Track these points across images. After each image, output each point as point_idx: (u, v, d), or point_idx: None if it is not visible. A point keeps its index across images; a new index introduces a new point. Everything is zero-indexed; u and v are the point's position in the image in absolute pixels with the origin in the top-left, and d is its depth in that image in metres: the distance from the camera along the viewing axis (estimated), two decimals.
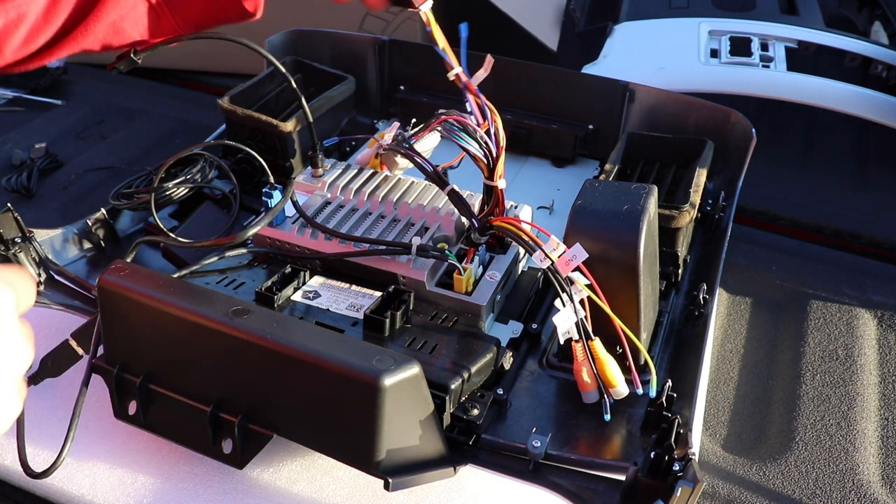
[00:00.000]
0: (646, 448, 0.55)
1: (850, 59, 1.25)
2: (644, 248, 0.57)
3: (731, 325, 0.81)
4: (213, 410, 0.56)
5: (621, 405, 0.60)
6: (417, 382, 0.51)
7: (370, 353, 0.51)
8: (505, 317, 0.69)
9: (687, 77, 1.12)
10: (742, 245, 0.91)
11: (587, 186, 0.62)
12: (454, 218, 0.71)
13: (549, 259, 0.57)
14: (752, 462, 0.67)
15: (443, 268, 0.68)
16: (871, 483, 0.65)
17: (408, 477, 0.53)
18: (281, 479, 0.61)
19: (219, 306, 0.54)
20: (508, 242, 0.71)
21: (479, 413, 0.57)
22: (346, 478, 0.60)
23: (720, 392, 0.74)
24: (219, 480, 0.60)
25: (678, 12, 1.29)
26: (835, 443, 0.68)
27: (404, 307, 0.62)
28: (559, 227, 0.58)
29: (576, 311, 0.57)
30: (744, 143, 0.86)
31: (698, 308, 0.70)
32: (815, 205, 1.03)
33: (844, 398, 0.73)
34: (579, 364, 0.58)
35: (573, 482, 0.55)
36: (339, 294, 0.66)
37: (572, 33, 1.44)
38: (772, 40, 1.19)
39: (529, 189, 0.92)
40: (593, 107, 0.96)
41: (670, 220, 0.71)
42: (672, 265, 0.75)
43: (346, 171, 0.79)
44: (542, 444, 0.55)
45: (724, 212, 0.83)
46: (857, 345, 0.79)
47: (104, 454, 0.62)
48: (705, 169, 0.80)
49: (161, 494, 0.59)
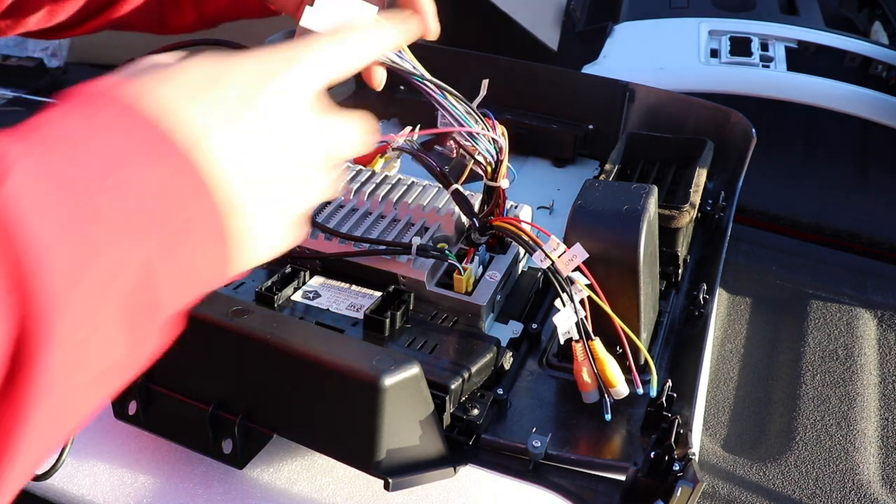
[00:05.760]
0: (646, 448, 0.55)
1: (850, 59, 1.25)
2: (644, 248, 0.57)
3: (731, 325, 0.81)
4: (213, 410, 0.56)
5: (621, 405, 0.60)
6: (417, 382, 0.51)
7: (370, 353, 0.51)
8: (505, 317, 0.69)
9: (687, 77, 1.12)
10: (742, 245, 0.91)
11: (587, 186, 0.62)
12: (454, 218, 0.71)
13: (550, 259, 0.57)
14: (752, 462, 0.67)
15: (443, 268, 0.68)
16: (871, 483, 0.65)
17: (408, 477, 0.53)
18: (281, 479, 0.61)
19: (219, 306, 0.54)
20: (508, 242, 0.71)
21: (479, 413, 0.57)
22: (346, 478, 0.60)
23: (720, 392, 0.74)
24: (219, 480, 0.60)
25: (678, 12, 1.29)
26: (835, 443, 0.68)
27: (404, 307, 0.62)
28: (559, 227, 0.58)
29: (576, 311, 0.57)
30: (744, 143, 0.86)
31: (698, 308, 0.70)
32: (815, 205, 1.03)
33: (844, 398, 0.73)
34: (579, 364, 0.58)
35: (573, 482, 0.55)
36: (339, 294, 0.66)
37: (572, 33, 1.44)
38: (772, 40, 1.19)
39: (529, 189, 0.92)
40: (593, 107, 0.96)
41: (670, 220, 0.71)
42: (672, 265, 0.75)
43: (346, 170, 0.79)
44: (542, 444, 0.55)
45: (724, 212, 0.83)
46: (857, 345, 0.79)
47: (104, 454, 0.62)
48: (705, 169, 0.80)
49: (161, 494, 0.59)
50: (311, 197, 0.39)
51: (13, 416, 0.27)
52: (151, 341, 0.33)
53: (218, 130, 0.34)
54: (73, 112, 0.31)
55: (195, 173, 0.32)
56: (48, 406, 0.28)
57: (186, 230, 0.32)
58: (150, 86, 0.33)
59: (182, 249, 0.32)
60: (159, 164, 0.31)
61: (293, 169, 0.37)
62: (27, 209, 0.27)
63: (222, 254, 0.34)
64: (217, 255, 0.34)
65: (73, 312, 0.28)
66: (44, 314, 0.27)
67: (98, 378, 0.31)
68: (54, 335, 0.27)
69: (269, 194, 0.36)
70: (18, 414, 0.27)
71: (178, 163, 0.32)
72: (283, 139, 0.37)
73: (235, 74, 0.35)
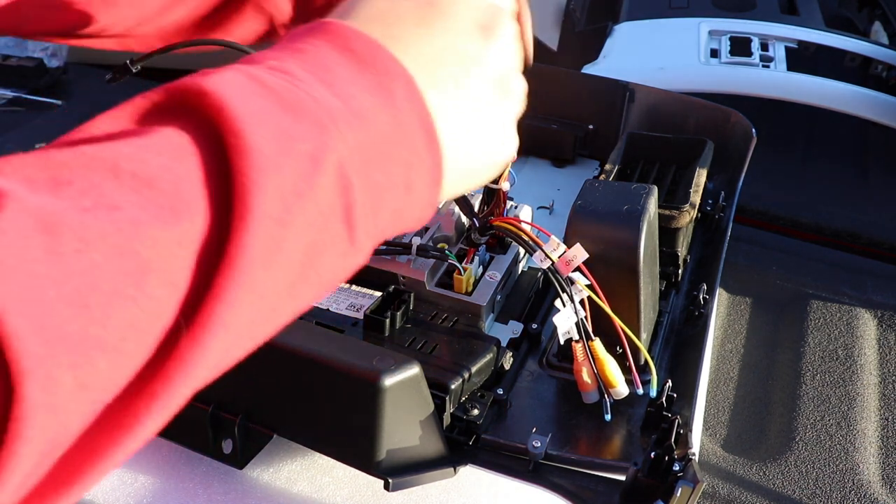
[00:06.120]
0: (646, 448, 0.55)
1: (850, 59, 1.25)
2: (644, 248, 0.57)
3: (731, 325, 0.81)
4: (213, 410, 0.56)
5: (621, 405, 0.60)
6: (417, 382, 0.51)
7: (370, 353, 0.51)
8: (505, 317, 0.69)
9: (687, 77, 1.12)
10: (742, 245, 0.91)
11: (587, 186, 0.62)
12: (454, 218, 0.71)
13: (550, 259, 0.57)
14: (752, 462, 0.67)
15: (443, 268, 0.68)
16: (871, 483, 0.65)
17: (408, 477, 0.53)
18: (281, 479, 0.61)
19: None
20: (508, 242, 0.71)
21: (480, 413, 0.57)
22: (346, 478, 0.60)
23: (720, 392, 0.74)
24: (219, 480, 0.60)
25: (678, 12, 1.29)
26: (835, 443, 0.68)
27: (404, 307, 0.62)
28: (559, 227, 0.58)
29: (576, 311, 0.57)
30: (744, 143, 0.86)
31: (698, 308, 0.70)
32: (815, 205, 1.03)
33: (844, 398, 0.73)
34: (579, 364, 0.58)
35: (573, 482, 0.55)
36: (339, 294, 0.66)
37: (572, 33, 1.44)
38: (772, 40, 1.19)
39: (529, 189, 0.92)
40: (593, 107, 0.96)
41: (670, 220, 0.71)
42: (672, 265, 0.75)
43: None
44: (542, 444, 0.55)
45: (724, 212, 0.83)
46: (857, 345, 0.79)
47: None
48: (705, 169, 0.80)
49: (161, 494, 0.59)
50: (517, 105, 0.41)
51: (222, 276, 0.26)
52: (342, 263, 0.32)
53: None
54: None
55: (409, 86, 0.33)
56: (250, 288, 0.27)
57: (395, 138, 0.32)
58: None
59: (386, 158, 0.32)
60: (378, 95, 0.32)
61: (507, 129, 0.39)
62: (234, 95, 0.27)
63: (435, 164, 0.34)
64: (428, 166, 0.34)
65: (273, 198, 0.27)
66: (246, 191, 0.26)
67: (289, 288, 0.29)
68: (255, 216, 0.26)
69: (478, 150, 0.38)
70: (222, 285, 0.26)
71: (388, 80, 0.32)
72: (501, 116, 0.39)
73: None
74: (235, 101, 0.27)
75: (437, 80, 0.34)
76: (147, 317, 0.24)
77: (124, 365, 0.24)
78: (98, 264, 0.23)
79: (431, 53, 0.35)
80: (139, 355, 0.25)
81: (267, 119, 0.27)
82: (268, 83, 0.29)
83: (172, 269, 0.25)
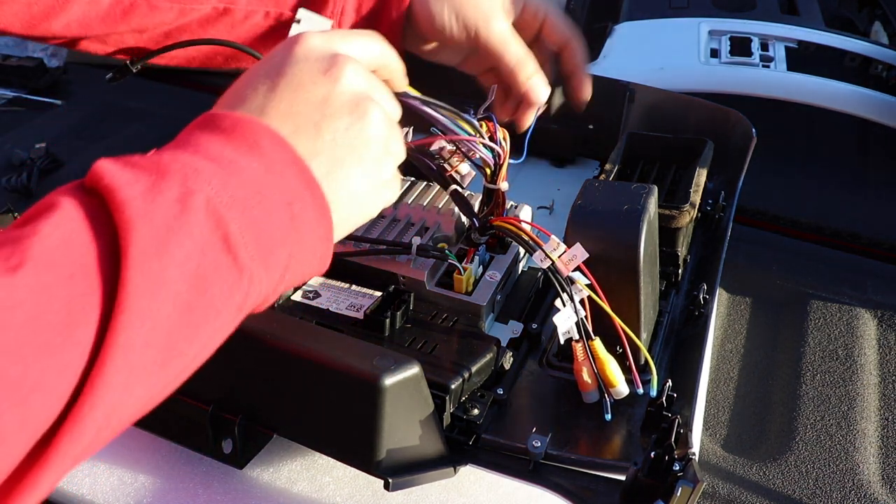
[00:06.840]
0: (646, 448, 0.55)
1: (850, 59, 1.25)
2: (644, 248, 0.57)
3: (731, 325, 0.81)
4: (213, 410, 0.56)
5: (621, 405, 0.60)
6: (417, 382, 0.51)
7: (370, 353, 0.51)
8: (505, 317, 0.69)
9: (687, 77, 1.12)
10: (742, 245, 0.91)
11: (587, 186, 0.62)
12: (454, 218, 0.71)
13: (550, 259, 0.57)
14: (752, 462, 0.67)
15: (443, 268, 0.68)
16: (871, 483, 0.65)
17: (408, 477, 0.53)
18: (281, 479, 0.61)
19: None
20: (508, 242, 0.71)
21: (480, 413, 0.57)
22: (346, 478, 0.60)
23: (720, 392, 0.74)
24: (219, 480, 0.60)
25: (678, 12, 1.29)
26: (835, 443, 0.68)
27: (404, 307, 0.62)
28: (559, 227, 0.58)
29: (576, 310, 0.57)
30: (744, 143, 0.86)
31: (698, 308, 0.70)
32: (815, 205, 1.03)
33: (844, 398, 0.73)
34: (579, 364, 0.58)
35: (573, 482, 0.55)
36: (339, 294, 0.66)
37: None
38: (772, 40, 1.19)
39: (529, 189, 0.92)
40: (593, 107, 0.96)
41: (670, 220, 0.71)
42: (672, 265, 0.75)
43: None
44: (543, 444, 0.55)
45: (724, 212, 0.83)
46: (857, 345, 0.79)
47: (104, 454, 0.62)
48: (705, 169, 0.79)
49: (161, 494, 0.59)
50: (395, 161, 0.47)
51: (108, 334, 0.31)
52: (237, 289, 0.36)
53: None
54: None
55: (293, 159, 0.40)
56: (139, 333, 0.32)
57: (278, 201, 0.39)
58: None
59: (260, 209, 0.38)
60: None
61: (374, 147, 0.45)
62: (121, 181, 0.34)
63: (326, 227, 0.41)
64: (320, 231, 0.41)
65: (145, 235, 0.32)
66: (125, 234, 0.32)
67: (183, 314, 0.34)
68: (133, 252, 0.32)
69: (356, 173, 0.43)
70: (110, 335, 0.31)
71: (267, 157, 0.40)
72: (363, 136, 0.44)
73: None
74: (117, 180, 0.34)
75: (297, 127, 0.41)
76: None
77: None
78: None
79: (285, 107, 0.41)
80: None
81: (135, 183, 0.34)
82: (139, 164, 0.36)
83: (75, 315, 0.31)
